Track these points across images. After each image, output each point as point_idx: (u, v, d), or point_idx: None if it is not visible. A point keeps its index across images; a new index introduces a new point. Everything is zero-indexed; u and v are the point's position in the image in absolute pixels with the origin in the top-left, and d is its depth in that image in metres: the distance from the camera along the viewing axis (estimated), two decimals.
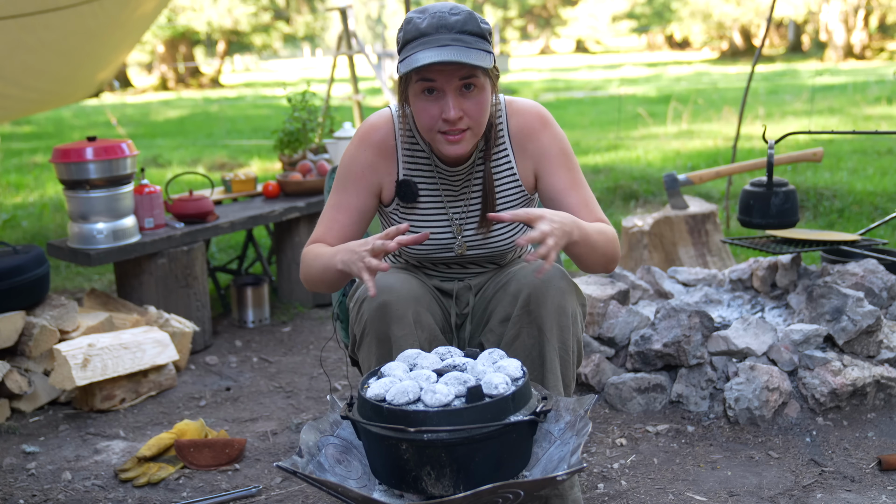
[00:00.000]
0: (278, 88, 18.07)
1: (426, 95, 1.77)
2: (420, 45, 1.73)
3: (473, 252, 1.98)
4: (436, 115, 1.77)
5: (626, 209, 5.81)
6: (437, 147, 1.83)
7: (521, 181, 1.95)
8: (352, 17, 6.97)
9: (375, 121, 1.96)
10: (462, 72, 1.73)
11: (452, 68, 1.72)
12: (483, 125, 1.82)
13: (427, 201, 1.95)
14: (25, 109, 5.75)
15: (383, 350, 1.82)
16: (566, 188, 1.92)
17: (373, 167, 1.94)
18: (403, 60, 1.75)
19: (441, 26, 1.73)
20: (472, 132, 1.80)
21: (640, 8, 31.37)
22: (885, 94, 11.36)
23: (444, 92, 1.75)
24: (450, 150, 1.80)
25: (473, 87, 1.76)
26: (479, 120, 1.79)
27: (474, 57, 1.71)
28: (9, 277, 2.95)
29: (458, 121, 1.77)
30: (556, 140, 1.94)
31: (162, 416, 2.91)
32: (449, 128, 1.77)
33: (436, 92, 1.76)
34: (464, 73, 1.73)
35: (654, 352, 2.75)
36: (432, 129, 1.79)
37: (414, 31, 1.75)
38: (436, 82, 1.74)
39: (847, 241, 3.15)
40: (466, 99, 1.77)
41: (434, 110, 1.77)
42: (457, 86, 1.75)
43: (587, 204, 1.92)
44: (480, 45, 1.74)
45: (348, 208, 1.95)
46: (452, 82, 1.74)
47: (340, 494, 1.53)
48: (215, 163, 8.75)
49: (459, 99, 1.76)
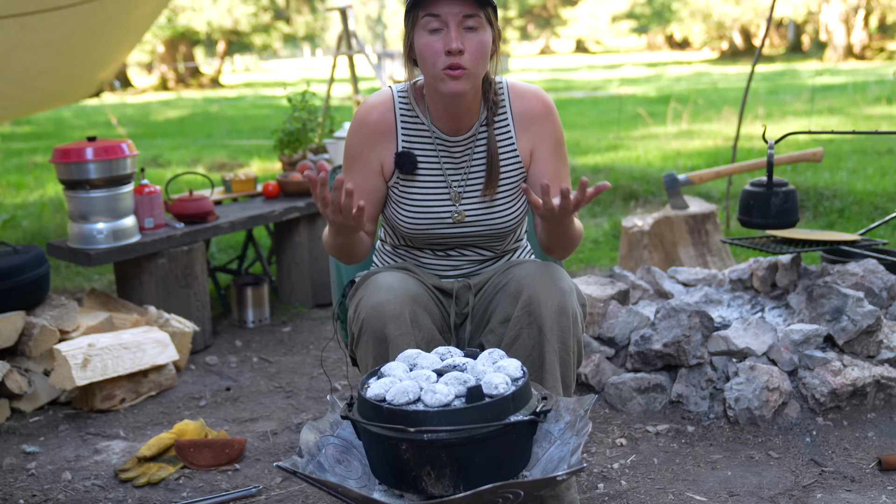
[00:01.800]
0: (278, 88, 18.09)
1: (431, 32, 1.84)
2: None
3: (472, 228, 1.99)
4: (439, 49, 1.83)
5: (626, 209, 5.81)
6: (437, 87, 1.88)
7: (521, 157, 2.01)
8: (352, 17, 6.97)
9: (373, 101, 2.02)
10: (466, 7, 1.81)
11: (456, 3, 1.80)
12: (481, 69, 1.88)
13: (426, 172, 1.99)
14: (26, 109, 5.75)
15: (380, 349, 1.82)
16: (552, 179, 2.00)
17: (371, 146, 2.00)
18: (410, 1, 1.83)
19: None
20: (469, 73, 1.86)
21: (640, 8, 31.38)
22: (885, 94, 11.36)
23: (447, 27, 1.82)
24: (450, 86, 1.86)
25: (475, 28, 1.84)
26: (477, 60, 1.86)
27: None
28: (9, 277, 2.95)
29: (460, 55, 1.83)
30: (555, 129, 2.02)
31: (162, 416, 2.91)
32: (451, 62, 1.83)
33: (440, 29, 1.83)
34: (468, 8, 1.81)
35: (654, 352, 2.75)
36: (436, 64, 1.85)
37: None
38: (440, 17, 1.82)
39: (847, 241, 3.15)
40: (468, 37, 1.84)
41: (438, 45, 1.83)
42: (460, 21, 1.82)
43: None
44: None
45: (356, 189, 1.99)
46: (456, 17, 1.82)
47: (340, 494, 1.53)
48: (215, 163, 8.76)
49: (461, 35, 1.83)
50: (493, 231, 2.01)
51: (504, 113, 2.01)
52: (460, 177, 2.00)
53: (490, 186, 1.98)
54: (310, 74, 22.96)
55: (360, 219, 1.74)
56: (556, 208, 1.69)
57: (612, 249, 4.86)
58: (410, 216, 1.99)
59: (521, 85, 2.04)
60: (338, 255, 1.99)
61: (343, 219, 1.74)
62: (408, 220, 2.00)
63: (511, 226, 2.02)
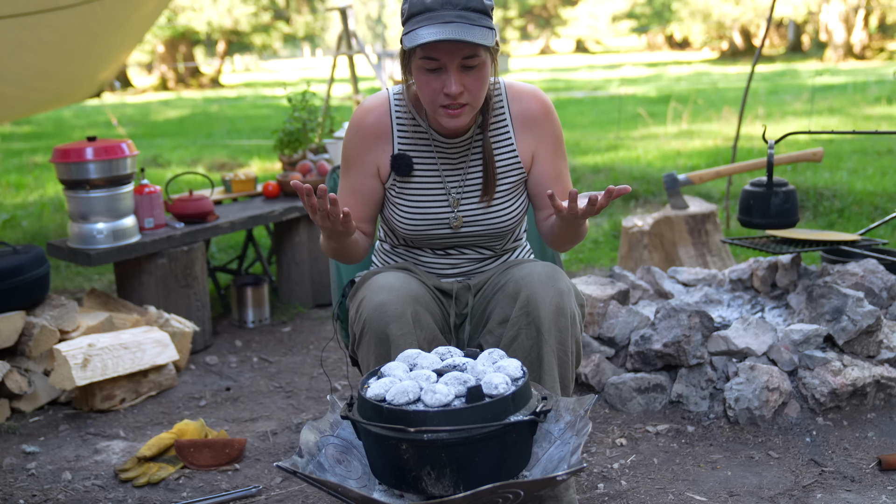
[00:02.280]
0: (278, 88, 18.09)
1: (428, 72, 1.82)
2: (425, 21, 1.77)
3: (470, 229, 2.00)
4: (437, 88, 1.83)
5: (626, 209, 5.81)
6: (437, 120, 1.90)
7: (520, 158, 2.01)
8: (352, 17, 6.97)
9: (369, 104, 2.02)
10: (465, 50, 1.79)
11: (455, 46, 1.77)
12: (481, 100, 1.89)
13: (423, 175, 1.99)
14: (26, 109, 5.75)
15: (382, 349, 1.82)
16: (553, 178, 2.02)
17: (367, 148, 2.00)
18: (408, 34, 1.80)
19: (446, 2, 1.78)
20: (470, 107, 1.87)
21: (640, 8, 31.38)
22: (885, 94, 11.36)
23: (446, 68, 1.80)
24: (449, 123, 1.87)
25: (474, 66, 1.82)
26: (477, 95, 1.86)
27: (477, 35, 1.76)
28: (9, 277, 2.95)
29: (459, 95, 1.83)
30: (554, 129, 2.03)
31: (162, 416, 2.91)
32: (450, 101, 1.83)
33: (438, 70, 1.81)
34: (466, 51, 1.79)
35: (654, 352, 2.75)
36: (434, 101, 1.85)
37: (419, 5, 1.80)
38: (438, 60, 1.80)
39: (847, 241, 3.15)
40: (467, 75, 1.82)
41: (436, 84, 1.83)
42: (458, 63, 1.80)
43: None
44: (483, 21, 1.80)
45: (353, 191, 2.03)
46: (455, 60, 1.79)
47: (340, 494, 1.53)
48: (215, 163, 8.75)
49: (460, 75, 1.82)
50: (491, 232, 2.01)
51: (502, 114, 2.01)
52: (458, 179, 2.00)
53: (488, 193, 1.98)
54: (310, 74, 22.96)
55: (347, 224, 1.75)
56: (580, 212, 1.72)
57: (612, 249, 4.87)
58: (408, 218, 1.99)
59: (519, 85, 2.04)
60: (335, 257, 2.00)
61: (332, 224, 1.76)
62: (405, 221, 2.00)
63: (509, 226, 2.02)
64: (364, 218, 2.04)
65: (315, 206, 1.71)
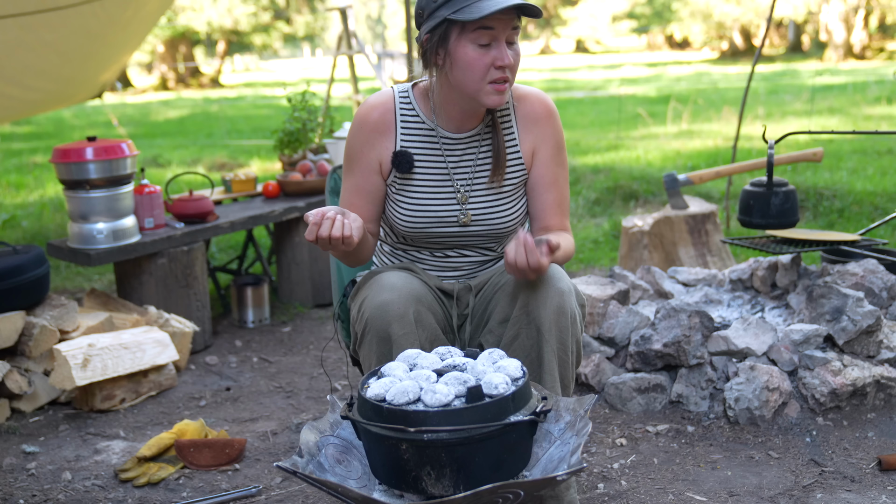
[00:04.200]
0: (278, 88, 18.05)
1: (478, 47, 1.83)
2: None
3: (477, 227, 2.00)
4: (488, 63, 1.83)
5: (626, 209, 5.81)
6: (479, 99, 1.88)
7: (523, 158, 2.03)
8: (352, 17, 6.97)
9: (373, 101, 2.03)
10: (514, 20, 1.83)
11: (509, 15, 1.81)
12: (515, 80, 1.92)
13: (429, 173, 2.00)
14: (27, 110, 5.75)
15: (384, 349, 1.82)
16: (549, 183, 2.03)
17: (371, 145, 2.00)
18: (461, 10, 1.78)
19: None
20: (510, 83, 1.89)
21: (640, 8, 31.36)
22: (885, 94, 11.35)
23: (497, 41, 1.83)
24: (496, 101, 1.88)
25: (514, 41, 1.86)
26: (516, 72, 1.89)
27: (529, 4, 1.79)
28: (9, 277, 2.95)
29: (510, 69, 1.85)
30: (555, 133, 2.04)
31: (162, 416, 2.91)
32: (500, 76, 1.85)
33: (489, 44, 1.83)
34: (515, 21, 1.83)
35: (654, 352, 2.75)
36: (483, 78, 1.85)
37: None
38: (494, 30, 1.81)
39: (847, 241, 3.15)
40: (510, 49, 1.86)
41: (486, 59, 1.83)
42: (509, 34, 1.84)
43: (560, 205, 2.05)
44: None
45: (358, 190, 2.03)
46: (507, 30, 1.83)
47: (340, 494, 1.53)
48: (215, 163, 8.75)
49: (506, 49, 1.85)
50: (495, 231, 2.02)
51: (507, 114, 2.03)
52: (467, 174, 2.00)
53: (497, 173, 1.99)
54: (310, 74, 22.95)
55: (350, 244, 1.76)
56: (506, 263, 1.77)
57: (612, 249, 4.87)
58: (409, 215, 1.99)
59: (524, 88, 2.06)
60: (342, 261, 2.01)
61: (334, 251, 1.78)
62: (407, 219, 2.00)
63: (512, 226, 2.03)
64: (370, 217, 2.04)
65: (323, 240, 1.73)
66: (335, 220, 1.73)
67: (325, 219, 1.73)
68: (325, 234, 1.72)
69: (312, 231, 1.73)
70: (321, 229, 1.72)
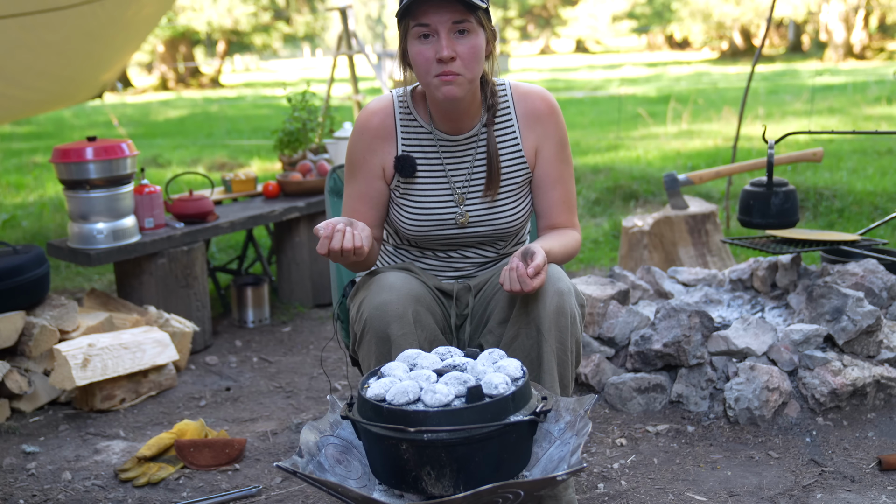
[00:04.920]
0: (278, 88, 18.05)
1: (422, 40, 1.84)
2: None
3: (476, 228, 2.00)
4: (431, 56, 1.84)
5: (626, 209, 5.81)
6: (433, 94, 1.89)
7: (526, 157, 2.02)
8: (352, 17, 6.97)
9: (373, 107, 2.03)
10: (455, 14, 1.81)
11: (444, 8, 1.79)
12: (475, 72, 1.88)
13: (428, 176, 2.00)
14: (27, 110, 5.75)
15: (383, 349, 1.82)
16: (554, 180, 2.03)
17: (373, 151, 2.00)
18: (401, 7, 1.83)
19: None
20: (464, 77, 1.86)
21: (640, 8, 31.38)
22: (885, 94, 11.35)
23: (438, 34, 1.82)
24: (444, 91, 1.86)
25: (466, 32, 1.83)
26: (470, 65, 1.86)
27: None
28: (9, 277, 2.95)
29: (451, 61, 1.83)
30: (559, 130, 2.03)
31: (162, 416, 2.91)
32: (443, 69, 1.84)
33: (431, 36, 1.83)
34: (457, 15, 1.81)
35: (654, 352, 2.75)
36: (429, 72, 1.86)
37: None
38: (430, 26, 1.81)
39: (847, 241, 3.15)
40: (459, 42, 1.83)
41: (429, 52, 1.84)
42: (450, 28, 1.82)
43: (566, 202, 2.05)
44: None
45: (361, 196, 2.03)
46: (445, 23, 1.81)
47: (340, 494, 1.53)
48: (215, 163, 8.75)
49: (452, 41, 1.83)
50: (497, 231, 2.01)
51: (508, 113, 2.02)
52: (464, 176, 2.00)
53: (491, 187, 1.98)
54: (310, 74, 22.95)
55: (360, 254, 1.78)
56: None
57: (612, 249, 4.87)
58: (413, 218, 1.99)
59: (525, 86, 2.05)
60: (349, 269, 2.02)
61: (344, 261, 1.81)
62: (410, 222, 2.00)
63: (515, 226, 2.03)
64: (375, 222, 2.04)
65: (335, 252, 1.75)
66: (345, 231, 1.75)
67: (335, 231, 1.75)
68: (337, 246, 1.74)
69: (324, 245, 1.75)
70: (332, 242, 1.74)
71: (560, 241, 1.98)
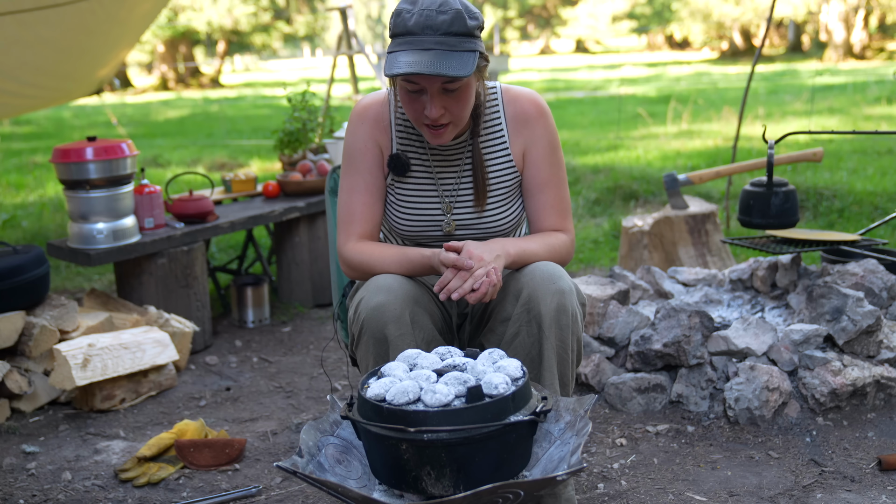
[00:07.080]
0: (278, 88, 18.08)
1: (410, 93, 1.82)
2: (404, 45, 1.76)
3: (464, 232, 1.99)
4: (419, 110, 1.83)
5: (626, 209, 5.81)
6: (423, 135, 1.91)
7: (514, 160, 2.00)
8: (352, 17, 6.97)
9: (370, 99, 2.02)
10: (445, 78, 1.77)
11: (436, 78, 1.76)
12: (465, 117, 1.88)
13: (419, 176, 1.99)
14: (24, 106, 5.75)
15: (380, 350, 1.82)
16: (543, 184, 2.00)
17: (373, 139, 1.99)
18: (389, 55, 1.79)
19: (427, 27, 1.75)
20: (453, 125, 1.87)
21: (640, 8, 31.38)
22: (885, 94, 11.35)
23: (426, 91, 1.80)
24: (433, 141, 1.89)
25: (455, 88, 1.81)
26: (460, 115, 1.86)
27: (454, 64, 1.73)
28: (9, 277, 2.95)
29: (440, 118, 1.83)
30: (548, 132, 2.00)
31: (162, 416, 2.91)
32: (431, 122, 1.83)
33: (420, 92, 1.81)
34: (446, 78, 1.77)
35: (654, 352, 2.75)
36: (418, 121, 1.86)
37: (401, 27, 1.78)
38: (418, 84, 1.79)
39: (847, 241, 3.15)
40: (449, 97, 1.82)
41: (418, 105, 1.83)
42: (439, 87, 1.79)
43: (556, 205, 2.00)
44: (466, 44, 1.77)
45: (367, 188, 2.00)
46: (435, 85, 1.78)
47: (340, 494, 1.53)
48: (215, 163, 8.75)
49: (441, 97, 1.81)
50: (486, 236, 2.01)
51: (497, 117, 2.00)
52: (453, 183, 1.99)
53: (479, 200, 1.97)
54: (310, 74, 22.96)
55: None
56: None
57: (612, 249, 4.86)
58: (404, 217, 1.99)
59: (516, 89, 2.02)
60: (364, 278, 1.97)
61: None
62: (402, 221, 2.00)
63: (504, 229, 2.02)
64: (379, 218, 2.02)
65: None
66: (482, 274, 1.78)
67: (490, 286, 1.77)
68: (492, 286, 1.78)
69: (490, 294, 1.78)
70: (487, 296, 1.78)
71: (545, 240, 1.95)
